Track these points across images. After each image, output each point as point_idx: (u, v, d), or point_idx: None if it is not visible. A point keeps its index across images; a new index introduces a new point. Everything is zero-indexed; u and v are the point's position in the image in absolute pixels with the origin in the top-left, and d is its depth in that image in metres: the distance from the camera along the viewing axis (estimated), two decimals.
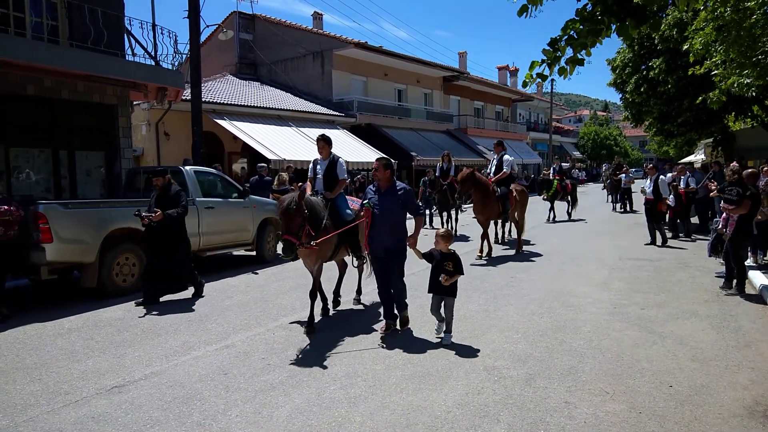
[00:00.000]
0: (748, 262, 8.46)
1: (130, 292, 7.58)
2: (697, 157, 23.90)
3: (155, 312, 6.74)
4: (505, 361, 4.84)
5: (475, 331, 5.73)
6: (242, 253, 10.75)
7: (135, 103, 14.26)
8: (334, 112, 24.50)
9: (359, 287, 7.10)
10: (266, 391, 4.25)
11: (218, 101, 19.10)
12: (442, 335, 5.41)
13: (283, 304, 7.04)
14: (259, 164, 13.45)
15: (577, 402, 4.00)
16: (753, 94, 9.42)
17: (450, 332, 5.38)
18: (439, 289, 5.33)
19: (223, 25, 23.65)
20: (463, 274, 5.40)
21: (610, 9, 3.55)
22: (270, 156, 17.17)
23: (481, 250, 10.41)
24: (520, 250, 11.05)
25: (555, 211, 17.56)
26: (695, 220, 13.83)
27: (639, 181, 25.75)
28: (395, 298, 5.69)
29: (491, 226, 11.40)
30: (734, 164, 8.18)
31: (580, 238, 13.37)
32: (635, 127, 25.66)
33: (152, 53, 11.79)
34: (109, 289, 7.53)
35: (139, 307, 6.97)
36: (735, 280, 7.38)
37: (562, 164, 19.44)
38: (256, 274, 9.33)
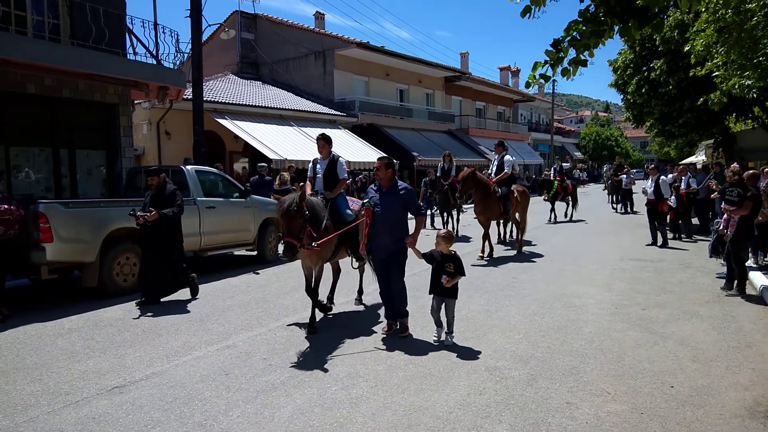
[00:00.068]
0: (749, 263, 8.46)
1: (131, 292, 7.57)
2: (698, 158, 23.90)
3: (156, 312, 6.73)
4: (507, 362, 4.84)
5: (477, 332, 5.73)
6: (243, 253, 10.75)
7: (136, 102, 14.26)
8: (336, 112, 24.49)
9: (360, 287, 7.09)
10: (268, 392, 4.25)
11: (220, 100, 19.06)
12: (442, 339, 5.37)
13: (285, 304, 7.04)
14: (259, 164, 13.45)
15: (579, 402, 4.00)
16: (754, 96, 9.43)
17: (452, 333, 5.37)
18: (441, 291, 5.32)
19: (225, 24, 23.67)
20: (464, 275, 5.38)
21: (613, 10, 3.55)
22: (271, 156, 17.14)
23: (483, 251, 10.41)
24: (521, 251, 11.05)
25: (556, 211, 17.56)
26: (695, 221, 13.84)
27: (640, 182, 25.84)
28: (395, 301, 5.63)
29: (493, 226, 11.40)
30: (735, 165, 8.18)
31: (581, 238, 13.37)
32: (636, 128, 25.65)
33: (154, 52, 11.81)
34: (110, 289, 7.53)
35: (140, 307, 6.96)
36: (736, 281, 7.38)
37: (563, 164, 19.41)
38: (258, 274, 9.33)
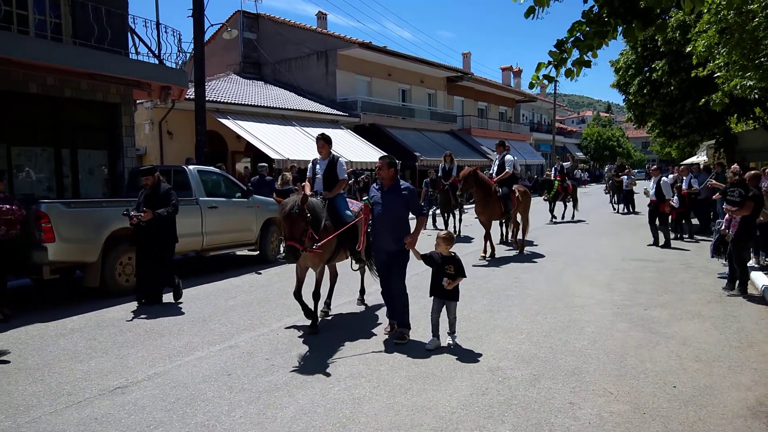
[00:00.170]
0: (751, 263, 8.46)
1: (133, 292, 7.53)
2: (700, 159, 23.85)
3: (158, 312, 6.74)
4: (510, 362, 4.84)
5: (479, 332, 5.73)
6: (245, 253, 10.75)
7: (138, 101, 14.26)
8: (338, 112, 24.48)
9: (362, 287, 7.10)
10: (270, 392, 4.25)
11: (222, 100, 19.06)
12: (432, 347, 5.19)
13: (287, 305, 7.03)
14: (260, 164, 13.46)
15: (582, 403, 4.00)
16: (755, 96, 9.42)
17: (454, 333, 5.36)
18: (441, 293, 5.25)
19: (228, 24, 23.71)
20: (465, 277, 5.33)
21: (617, 11, 3.54)
22: (273, 155, 17.14)
23: (485, 251, 10.41)
24: (522, 251, 11.04)
25: (555, 212, 17.55)
26: (695, 221, 13.82)
27: (641, 183, 25.79)
28: (395, 303, 5.57)
29: (496, 227, 11.38)
30: (735, 166, 8.18)
31: (582, 239, 13.37)
32: (638, 129, 25.60)
33: (156, 52, 11.82)
34: (112, 289, 7.53)
35: (142, 307, 6.97)
36: (737, 281, 7.38)
37: (563, 164, 19.36)
38: (260, 274, 9.34)
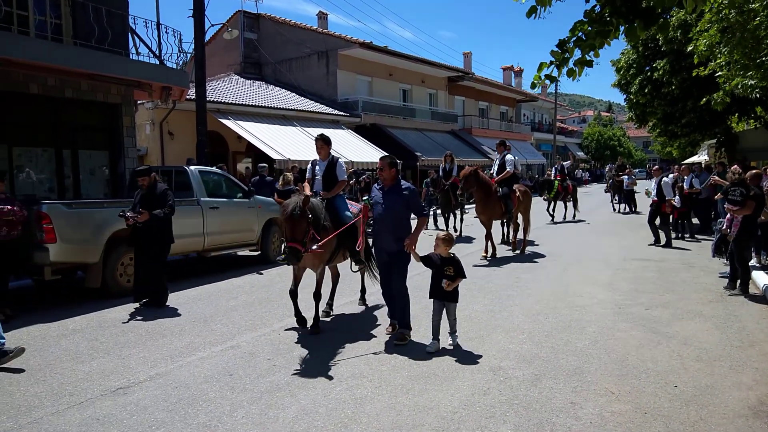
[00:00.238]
0: (752, 263, 8.45)
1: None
2: (701, 158, 23.83)
3: (160, 313, 6.74)
4: (511, 362, 4.84)
5: (481, 332, 5.73)
6: (247, 253, 10.76)
7: (139, 102, 14.28)
8: (339, 112, 24.48)
9: (363, 287, 7.10)
10: (272, 392, 4.25)
11: (223, 101, 19.07)
12: (433, 350, 5.15)
13: (288, 305, 6.95)
14: (260, 164, 13.47)
15: (583, 402, 4.00)
16: (757, 96, 9.42)
17: (455, 333, 5.35)
18: (441, 294, 5.23)
19: (228, 24, 23.72)
20: (464, 278, 5.29)
21: (619, 10, 3.54)
22: (274, 156, 17.14)
23: (486, 251, 10.40)
24: (524, 251, 11.04)
25: (554, 212, 17.53)
26: (695, 221, 13.81)
27: (642, 182, 25.78)
28: (396, 304, 5.56)
29: (497, 227, 11.37)
30: (735, 167, 8.18)
31: (583, 239, 13.36)
32: (639, 128, 25.59)
33: (156, 52, 11.83)
34: (113, 290, 7.52)
35: (143, 308, 6.97)
36: (739, 281, 7.38)
37: (564, 163, 19.33)
38: (261, 274, 9.34)
